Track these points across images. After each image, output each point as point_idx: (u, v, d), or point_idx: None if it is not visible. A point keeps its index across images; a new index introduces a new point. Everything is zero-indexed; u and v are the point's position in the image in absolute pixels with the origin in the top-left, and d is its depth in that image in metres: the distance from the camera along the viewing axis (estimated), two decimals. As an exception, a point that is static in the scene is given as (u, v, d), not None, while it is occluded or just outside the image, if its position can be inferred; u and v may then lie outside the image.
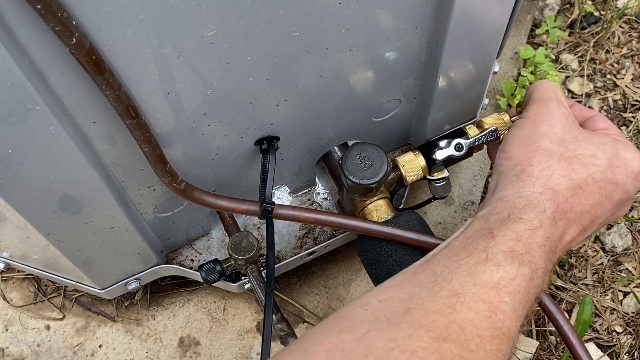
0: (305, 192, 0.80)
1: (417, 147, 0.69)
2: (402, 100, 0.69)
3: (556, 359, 0.82)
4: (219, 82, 0.52)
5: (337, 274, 0.88)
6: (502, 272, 0.47)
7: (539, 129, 0.57)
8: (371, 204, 0.66)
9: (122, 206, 0.59)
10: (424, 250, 0.62)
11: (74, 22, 0.38)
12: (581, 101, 1.00)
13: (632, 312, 0.84)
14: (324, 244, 0.76)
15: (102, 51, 0.43)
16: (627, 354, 0.82)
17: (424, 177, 0.69)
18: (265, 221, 0.62)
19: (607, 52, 1.04)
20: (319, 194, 0.79)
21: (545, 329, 0.83)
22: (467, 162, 0.93)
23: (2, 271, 0.87)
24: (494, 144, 0.68)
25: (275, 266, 0.74)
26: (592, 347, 0.82)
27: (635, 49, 1.04)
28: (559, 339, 0.83)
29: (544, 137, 0.56)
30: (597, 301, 0.85)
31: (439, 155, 0.68)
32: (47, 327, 0.85)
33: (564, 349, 0.82)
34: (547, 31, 1.02)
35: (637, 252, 0.88)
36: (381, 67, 0.61)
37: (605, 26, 1.03)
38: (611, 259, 0.88)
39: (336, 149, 0.73)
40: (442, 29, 0.58)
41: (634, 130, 0.96)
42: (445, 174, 0.69)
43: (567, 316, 0.60)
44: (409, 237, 0.62)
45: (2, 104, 0.42)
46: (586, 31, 1.05)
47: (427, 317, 0.44)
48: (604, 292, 0.86)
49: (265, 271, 0.71)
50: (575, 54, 1.04)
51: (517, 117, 0.67)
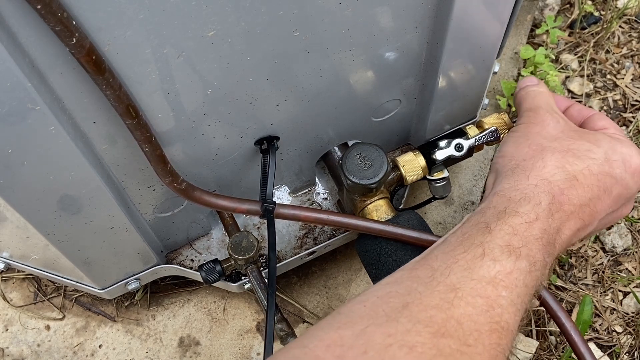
0: (305, 192, 0.80)
1: (417, 147, 0.69)
2: (402, 100, 0.69)
3: (556, 359, 0.82)
4: (219, 82, 0.52)
5: (337, 274, 0.88)
6: (499, 267, 0.47)
7: (533, 129, 0.59)
8: (371, 204, 0.66)
9: (122, 206, 0.59)
10: (424, 249, 0.62)
11: (74, 22, 0.38)
12: (581, 101, 0.99)
13: (632, 312, 0.84)
14: (324, 244, 0.76)
15: (102, 51, 0.43)
16: (627, 354, 0.82)
17: (424, 177, 0.69)
18: (266, 221, 0.62)
19: (607, 52, 1.04)
20: (319, 194, 0.79)
21: (545, 328, 0.83)
22: (467, 162, 0.93)
23: (2, 271, 0.87)
24: (494, 144, 0.69)
25: (276, 266, 0.74)
26: (592, 347, 0.82)
27: (635, 49, 1.04)
28: (559, 339, 0.83)
29: (537, 135, 0.58)
30: (597, 301, 0.85)
31: (439, 155, 0.68)
32: (47, 327, 0.85)
33: (564, 349, 0.82)
34: (547, 31, 1.02)
35: (637, 252, 0.88)
36: (381, 67, 0.61)
37: (605, 26, 1.03)
38: (611, 259, 0.88)
39: (336, 149, 0.73)
40: (442, 29, 0.58)
41: (634, 130, 0.96)
42: (445, 174, 0.70)
43: (569, 314, 0.60)
44: (410, 236, 0.62)
45: (2, 104, 0.42)
46: (586, 31, 1.05)
47: (425, 312, 0.44)
48: (604, 292, 0.86)
49: (265, 271, 0.71)
50: (575, 54, 1.04)
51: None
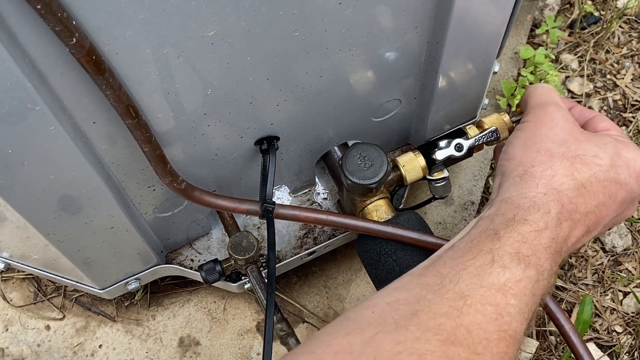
0: (305, 192, 0.80)
1: (417, 147, 0.69)
2: (402, 100, 0.69)
3: (556, 359, 0.82)
4: (219, 82, 0.52)
5: (337, 274, 0.88)
6: (509, 274, 0.46)
7: (540, 131, 0.58)
8: (371, 204, 0.66)
9: (122, 206, 0.59)
10: (424, 249, 0.62)
11: (74, 22, 0.38)
12: (581, 101, 1.00)
13: (632, 312, 0.84)
14: (324, 244, 0.76)
15: (102, 51, 0.43)
16: (627, 354, 0.82)
17: (424, 177, 0.69)
18: (265, 221, 0.62)
19: (607, 52, 1.04)
20: (319, 194, 0.79)
21: (545, 329, 0.83)
22: (467, 162, 0.93)
23: (2, 271, 0.87)
24: (494, 143, 0.68)
25: (275, 266, 0.74)
26: (592, 347, 0.82)
27: (635, 49, 1.04)
28: (559, 339, 0.83)
29: (546, 138, 0.57)
30: (597, 301, 0.85)
31: (439, 155, 0.68)
32: (47, 327, 0.85)
33: (564, 349, 0.82)
34: (547, 31, 1.02)
35: (637, 252, 0.88)
36: (381, 67, 0.61)
37: (605, 26, 1.03)
38: (611, 259, 0.88)
39: (336, 149, 0.73)
40: (442, 29, 0.58)
41: (634, 130, 0.96)
42: (445, 174, 0.70)
43: (568, 315, 0.60)
44: (410, 237, 0.62)
45: (2, 104, 0.42)
46: (586, 31, 1.05)
47: (435, 319, 0.43)
48: (604, 292, 0.86)
49: (265, 271, 0.71)
50: (575, 54, 1.03)
51: (517, 117, 0.68)
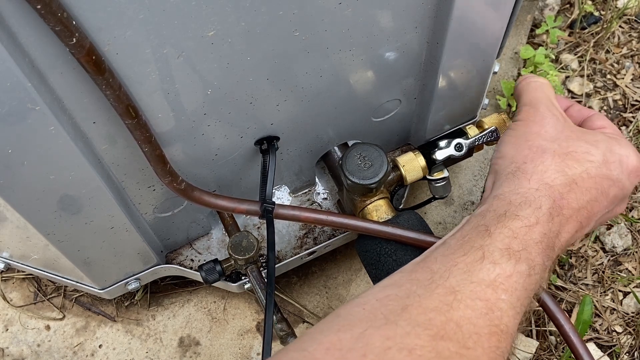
0: (305, 192, 0.80)
1: (417, 147, 0.69)
2: (402, 100, 0.69)
3: (556, 359, 0.82)
4: (219, 82, 0.52)
5: (337, 274, 0.88)
6: (499, 270, 0.47)
7: (532, 129, 0.58)
8: (371, 204, 0.66)
9: (122, 206, 0.59)
10: (424, 250, 0.62)
11: (74, 22, 0.38)
12: (581, 101, 0.99)
13: (632, 312, 0.84)
14: (324, 244, 0.76)
15: (102, 51, 0.43)
16: (627, 354, 0.82)
17: (424, 177, 0.69)
18: (265, 221, 0.62)
19: (607, 52, 1.04)
20: (319, 194, 0.79)
21: (545, 329, 0.83)
22: (467, 162, 0.93)
23: (2, 271, 0.87)
24: (494, 143, 0.69)
25: (275, 266, 0.74)
26: (592, 347, 0.82)
27: (635, 49, 1.04)
28: (559, 339, 0.83)
29: (537, 136, 0.57)
30: (597, 301, 0.85)
31: (439, 155, 0.68)
32: (47, 327, 0.85)
33: (564, 349, 0.82)
34: (547, 31, 1.02)
35: (637, 252, 0.88)
36: (381, 67, 0.61)
37: (605, 26, 1.03)
38: (611, 259, 0.88)
39: (336, 149, 0.73)
40: (442, 29, 0.58)
41: (634, 130, 0.96)
42: (445, 174, 0.70)
43: (567, 315, 0.60)
44: (409, 237, 0.62)
45: (2, 104, 0.42)
46: (586, 31, 1.05)
47: (425, 314, 0.44)
48: (604, 292, 0.86)
49: (265, 271, 0.71)
50: (575, 54, 1.03)
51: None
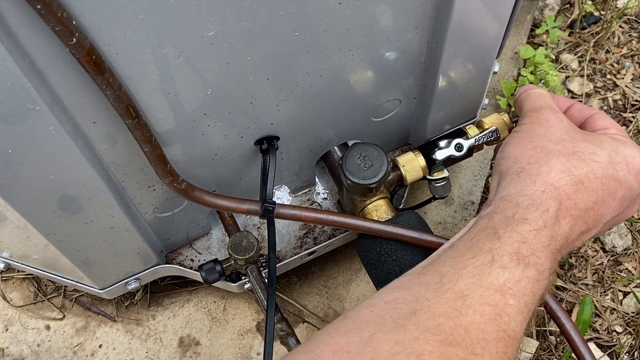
0: (305, 192, 0.80)
1: (417, 147, 0.69)
2: (402, 100, 0.69)
3: (556, 359, 0.82)
4: (219, 82, 0.52)
5: (337, 274, 0.88)
6: (508, 275, 0.46)
7: (537, 131, 0.58)
8: (371, 204, 0.66)
9: (122, 206, 0.59)
10: (424, 249, 0.62)
11: (74, 22, 0.38)
12: (581, 101, 1.00)
13: (632, 312, 0.84)
14: (324, 244, 0.76)
15: (102, 51, 0.43)
16: (627, 354, 0.82)
17: (424, 177, 0.69)
18: (266, 221, 0.62)
19: (607, 52, 1.04)
20: (319, 194, 0.79)
21: (545, 328, 0.83)
22: (467, 162, 0.93)
23: (2, 271, 0.87)
24: (494, 143, 0.68)
25: (275, 266, 0.74)
26: (592, 347, 0.82)
27: (635, 49, 1.04)
28: (559, 339, 0.83)
29: (542, 137, 0.57)
30: (597, 301, 0.85)
31: (439, 155, 0.68)
32: (47, 327, 0.85)
33: (564, 349, 0.82)
34: (547, 31, 1.02)
35: (637, 252, 0.88)
36: (381, 67, 0.61)
37: (605, 26, 1.03)
38: (611, 259, 0.88)
39: (336, 149, 0.73)
40: (442, 29, 0.58)
41: (634, 130, 0.96)
42: (445, 174, 0.70)
43: (569, 314, 0.60)
44: (409, 236, 0.62)
45: (2, 104, 0.42)
46: (586, 31, 1.05)
47: (434, 319, 0.43)
48: (604, 292, 0.86)
49: (265, 271, 0.71)
50: (575, 54, 1.03)
51: (517, 117, 0.68)
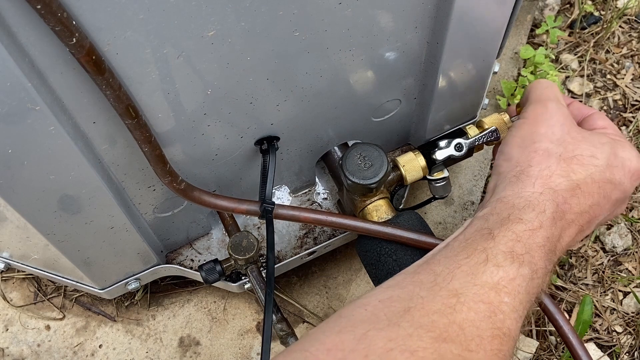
0: (305, 192, 0.80)
1: (417, 147, 0.69)
2: (402, 100, 0.69)
3: (556, 359, 0.82)
4: (219, 82, 0.52)
5: (337, 274, 0.88)
6: (502, 273, 0.47)
7: (539, 130, 0.57)
8: (371, 204, 0.66)
9: (122, 206, 0.59)
10: (424, 250, 0.62)
11: (74, 22, 0.38)
12: (581, 101, 0.99)
13: (632, 312, 0.84)
14: (324, 244, 0.76)
15: (102, 51, 0.43)
16: (627, 354, 0.82)
17: (424, 177, 0.69)
18: (265, 221, 0.62)
19: (607, 52, 1.04)
20: (319, 194, 0.79)
21: (545, 329, 0.83)
22: (467, 162, 0.93)
23: (2, 271, 0.87)
24: (494, 143, 0.68)
25: (275, 266, 0.74)
26: (592, 347, 0.82)
27: (635, 49, 1.04)
28: (559, 339, 0.83)
29: (544, 137, 0.57)
30: (597, 301, 0.85)
31: (439, 155, 0.68)
32: (47, 327, 0.85)
33: (564, 349, 0.82)
34: (547, 31, 1.02)
35: (637, 252, 0.88)
36: (381, 67, 0.61)
37: (605, 26, 1.03)
38: (611, 259, 0.88)
39: (336, 149, 0.73)
40: (442, 29, 0.58)
41: (634, 130, 0.96)
42: (445, 174, 0.70)
43: (567, 316, 0.60)
44: (409, 237, 0.62)
45: (2, 104, 0.42)
46: (586, 31, 1.05)
47: (427, 317, 0.44)
48: (604, 292, 0.86)
49: (265, 271, 0.71)
50: (575, 54, 1.03)
51: (517, 117, 0.68)
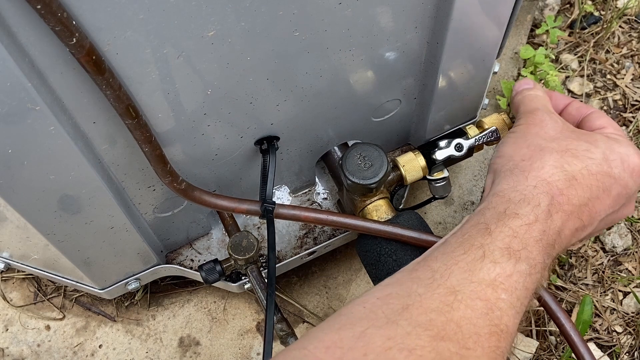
0: (305, 192, 0.80)
1: (417, 147, 0.69)
2: (402, 100, 0.69)
3: (556, 359, 0.82)
4: (219, 82, 0.52)
5: (337, 274, 0.88)
6: (499, 269, 0.47)
7: (531, 130, 0.59)
8: (371, 204, 0.66)
9: (122, 206, 0.59)
10: (424, 249, 0.62)
11: (74, 22, 0.38)
12: (581, 101, 0.99)
13: (632, 312, 0.84)
14: (324, 244, 0.76)
15: (102, 51, 0.43)
16: (627, 354, 0.82)
17: (424, 177, 0.69)
18: (265, 221, 0.62)
19: (607, 52, 1.04)
20: (319, 194, 0.79)
21: (545, 328, 0.83)
22: (467, 162, 0.93)
23: (2, 271, 0.87)
24: (494, 144, 0.68)
25: (275, 266, 0.74)
26: (592, 347, 0.82)
27: (635, 49, 1.04)
28: (559, 339, 0.83)
29: (536, 135, 0.58)
30: (597, 301, 0.85)
31: (439, 155, 0.68)
32: (47, 327, 0.85)
33: (564, 349, 0.82)
34: (547, 31, 1.02)
35: (637, 252, 0.88)
36: (381, 67, 0.61)
37: (605, 26, 1.03)
38: (611, 259, 0.88)
39: (336, 149, 0.73)
40: (442, 29, 0.58)
41: (634, 130, 0.96)
42: (445, 174, 0.70)
43: (568, 315, 0.60)
44: (409, 236, 0.62)
45: (2, 104, 0.42)
46: (586, 31, 1.05)
47: (425, 315, 0.44)
48: (604, 292, 0.86)
49: (265, 271, 0.71)
50: (575, 54, 1.03)
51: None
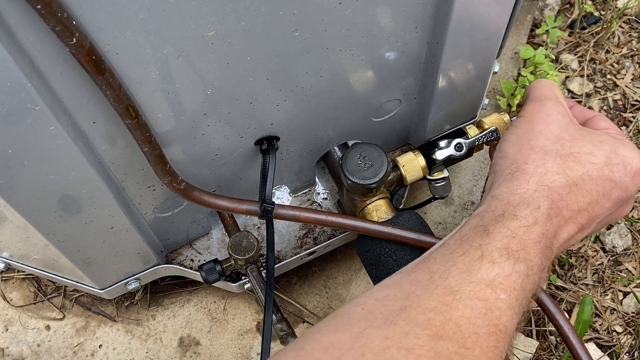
0: (305, 192, 0.80)
1: (417, 147, 0.69)
2: (402, 100, 0.69)
3: (556, 359, 0.82)
4: (219, 82, 0.52)
5: (337, 274, 0.88)
6: (498, 269, 0.47)
7: (535, 128, 0.57)
8: (371, 204, 0.66)
9: (122, 206, 0.59)
10: (424, 250, 0.62)
11: (74, 22, 0.38)
12: (581, 101, 1.00)
13: (632, 312, 0.84)
14: (324, 244, 0.76)
15: (102, 51, 0.43)
16: (627, 354, 0.82)
17: (424, 177, 0.69)
18: (265, 221, 0.62)
19: (607, 52, 1.04)
20: (319, 194, 0.79)
21: (545, 329, 0.83)
22: (467, 162, 0.93)
23: (2, 271, 0.87)
24: (494, 143, 0.68)
25: (275, 266, 0.74)
26: (592, 347, 0.82)
27: (635, 49, 1.04)
28: (559, 339, 0.83)
29: (540, 135, 0.57)
30: (597, 301, 0.85)
31: (439, 155, 0.68)
32: (47, 327, 0.85)
33: (564, 349, 0.82)
34: (547, 31, 1.02)
35: (637, 252, 0.88)
36: (381, 67, 0.61)
37: (605, 26, 1.03)
38: (611, 259, 0.88)
39: (336, 149, 0.73)
40: (442, 29, 0.58)
41: (634, 130, 0.96)
42: (445, 174, 0.70)
43: (567, 316, 0.60)
44: (409, 237, 0.62)
45: (2, 104, 0.42)
46: (586, 31, 1.05)
47: (424, 314, 0.44)
48: (604, 292, 0.86)
49: (265, 271, 0.71)
50: (575, 54, 1.04)
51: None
